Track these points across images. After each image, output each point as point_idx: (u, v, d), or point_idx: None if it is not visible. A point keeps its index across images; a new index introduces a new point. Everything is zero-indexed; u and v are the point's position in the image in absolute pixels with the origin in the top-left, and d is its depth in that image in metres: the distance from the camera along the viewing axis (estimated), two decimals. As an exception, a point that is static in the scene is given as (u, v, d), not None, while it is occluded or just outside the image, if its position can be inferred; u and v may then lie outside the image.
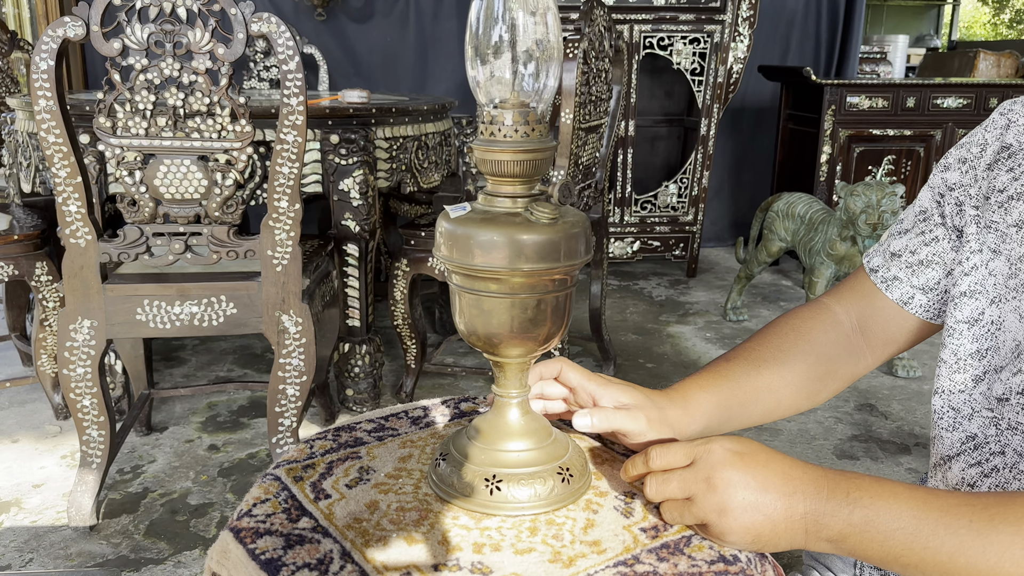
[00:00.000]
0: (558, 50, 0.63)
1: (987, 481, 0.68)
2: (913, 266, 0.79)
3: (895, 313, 0.81)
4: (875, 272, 0.82)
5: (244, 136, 1.58)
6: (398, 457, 0.75)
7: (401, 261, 2.29)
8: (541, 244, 0.62)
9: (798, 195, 2.98)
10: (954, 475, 0.71)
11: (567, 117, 2.04)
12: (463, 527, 0.64)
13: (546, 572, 0.58)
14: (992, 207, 0.71)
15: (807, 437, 2.23)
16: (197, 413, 2.33)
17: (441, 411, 0.85)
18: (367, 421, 0.83)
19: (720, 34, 3.57)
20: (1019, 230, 0.69)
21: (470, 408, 0.86)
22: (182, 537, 1.73)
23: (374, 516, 0.65)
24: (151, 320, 1.65)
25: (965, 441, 0.70)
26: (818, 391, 0.81)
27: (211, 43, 1.52)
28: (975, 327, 0.71)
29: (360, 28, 4.05)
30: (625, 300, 3.54)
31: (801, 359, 0.80)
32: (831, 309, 0.84)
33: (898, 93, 3.65)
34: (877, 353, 0.83)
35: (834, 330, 0.83)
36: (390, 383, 2.54)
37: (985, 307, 0.71)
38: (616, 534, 0.63)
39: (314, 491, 0.69)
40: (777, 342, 0.81)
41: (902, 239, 0.81)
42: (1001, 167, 0.72)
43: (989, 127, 0.75)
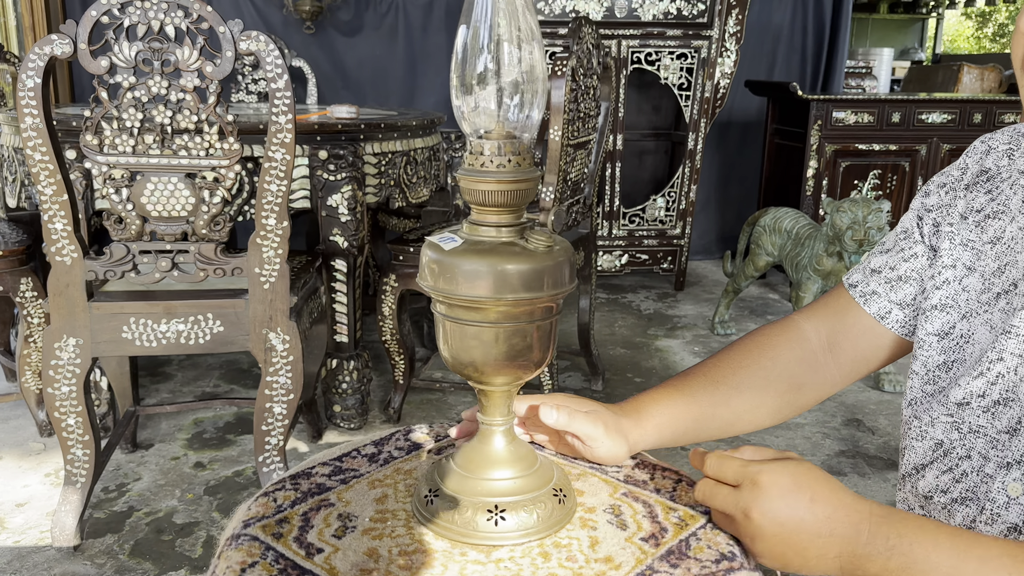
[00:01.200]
0: (543, 81, 0.63)
1: (958, 487, 0.69)
2: (892, 281, 0.80)
3: (869, 328, 0.82)
4: (854, 287, 0.83)
5: (232, 154, 1.58)
6: (373, 499, 0.72)
7: (390, 276, 2.29)
8: (526, 274, 0.62)
9: (785, 210, 3.00)
10: (927, 483, 0.72)
11: (555, 134, 2.05)
12: (477, 562, 0.63)
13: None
14: (969, 226, 0.74)
15: (795, 453, 2.24)
16: (183, 430, 2.32)
17: (395, 445, 0.83)
18: (320, 464, 0.78)
19: (707, 49, 3.60)
20: (993, 246, 0.71)
21: (423, 438, 0.84)
22: (168, 557, 1.71)
23: (380, 564, 0.62)
24: (137, 338, 1.64)
25: (934, 448, 0.71)
26: (780, 408, 0.83)
27: (199, 61, 1.52)
28: (944, 340, 0.73)
29: (349, 41, 4.05)
30: (613, 313, 3.54)
31: (762, 377, 0.81)
32: (800, 327, 0.85)
33: (883, 108, 3.69)
34: (846, 371, 0.84)
35: (800, 348, 0.84)
36: (378, 399, 2.54)
37: (956, 321, 0.72)
38: (623, 548, 0.65)
39: (302, 547, 0.64)
40: (740, 359, 0.82)
41: (882, 257, 0.82)
42: (979, 188, 0.75)
43: (970, 153, 0.78)
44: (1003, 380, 0.66)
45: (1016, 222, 0.70)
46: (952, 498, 0.69)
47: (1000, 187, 0.73)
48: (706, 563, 0.62)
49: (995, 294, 0.70)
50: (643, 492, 0.74)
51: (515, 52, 0.62)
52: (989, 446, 0.67)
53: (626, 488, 0.74)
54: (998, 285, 0.70)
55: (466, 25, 0.62)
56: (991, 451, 0.67)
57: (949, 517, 0.70)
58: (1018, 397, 0.65)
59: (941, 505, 0.71)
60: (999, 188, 0.73)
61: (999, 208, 0.72)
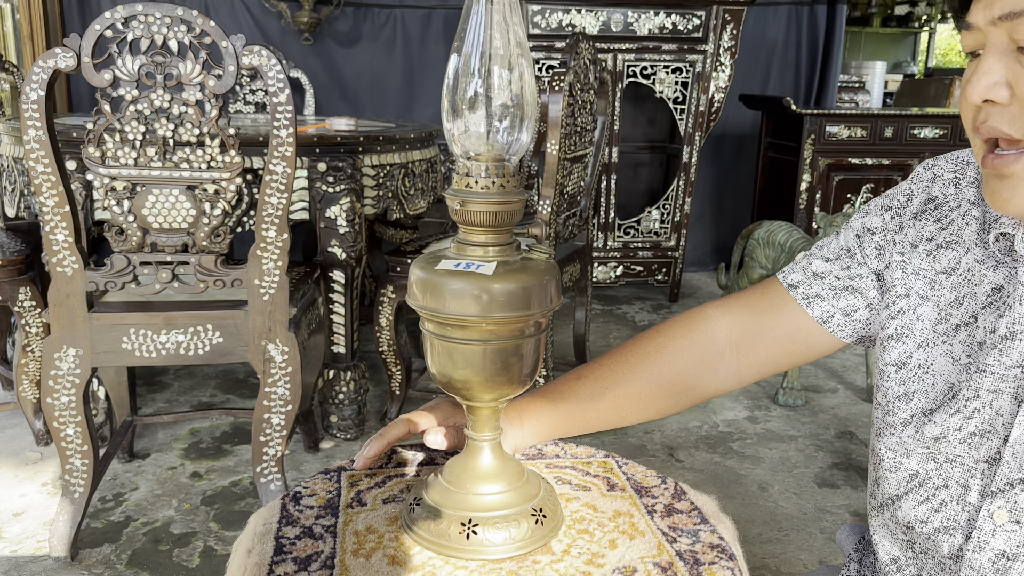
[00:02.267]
0: (532, 106, 0.65)
1: (938, 516, 0.70)
2: (837, 290, 0.81)
3: (800, 330, 0.83)
4: (795, 288, 0.83)
5: (233, 167, 1.59)
6: None
7: (387, 288, 2.30)
8: (512, 292, 0.63)
9: (779, 223, 3.03)
10: (904, 513, 0.73)
11: (553, 148, 2.07)
12: (457, 570, 0.65)
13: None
14: (920, 254, 0.75)
15: (788, 465, 2.25)
16: (180, 440, 2.32)
17: None
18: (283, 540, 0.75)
19: (702, 64, 3.63)
20: (948, 277, 0.72)
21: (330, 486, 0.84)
22: (165, 567, 1.71)
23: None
24: (137, 349, 1.65)
25: (909, 479, 0.72)
26: (669, 407, 0.86)
27: (202, 75, 1.54)
28: (902, 370, 0.74)
29: (347, 52, 4.08)
30: (608, 324, 3.56)
31: (655, 380, 0.84)
32: (709, 326, 0.86)
33: (876, 123, 3.73)
34: (753, 371, 0.86)
35: (702, 349, 0.85)
36: (375, 409, 2.54)
37: (912, 351, 0.73)
38: (612, 501, 0.74)
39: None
40: (635, 362, 0.84)
41: (825, 264, 0.83)
42: (928, 217, 0.75)
43: (915, 179, 0.79)
44: (979, 415, 0.67)
45: (972, 254, 0.71)
46: (935, 528, 0.70)
47: (950, 216, 0.74)
48: (659, 486, 0.77)
49: (953, 325, 0.71)
50: (552, 462, 0.85)
51: (505, 75, 0.64)
52: (968, 475, 0.68)
53: (544, 463, 0.86)
54: (956, 317, 0.71)
55: (458, 53, 0.63)
56: (971, 480, 0.68)
57: (935, 545, 0.71)
58: (995, 429, 0.66)
59: (925, 535, 0.72)
60: (949, 217, 0.74)
61: (952, 238, 0.73)
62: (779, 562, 1.78)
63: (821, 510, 2.01)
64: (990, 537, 0.66)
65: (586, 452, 0.88)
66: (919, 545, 0.74)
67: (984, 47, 0.60)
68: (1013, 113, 0.58)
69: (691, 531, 0.73)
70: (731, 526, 0.76)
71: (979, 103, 0.60)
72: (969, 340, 0.70)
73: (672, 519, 0.74)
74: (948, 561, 0.70)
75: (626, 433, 2.43)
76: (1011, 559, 0.65)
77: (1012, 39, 0.58)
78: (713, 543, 0.71)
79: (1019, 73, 0.58)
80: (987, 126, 0.60)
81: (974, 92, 0.59)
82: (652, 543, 0.70)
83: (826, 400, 2.75)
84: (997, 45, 0.59)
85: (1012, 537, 0.65)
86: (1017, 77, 0.58)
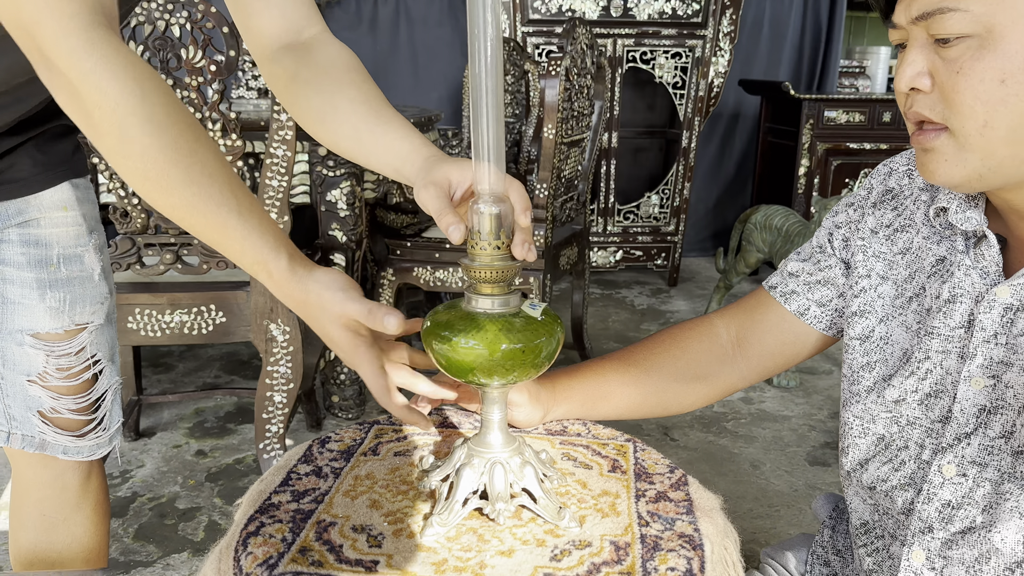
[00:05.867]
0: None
1: (898, 474, 0.76)
2: (811, 284, 0.89)
3: (783, 324, 0.91)
4: (774, 288, 0.93)
5: (235, 150, 1.63)
6: (366, 506, 0.75)
7: (387, 271, 2.34)
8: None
9: (776, 207, 3.06)
10: (869, 475, 0.78)
11: (549, 132, 2.10)
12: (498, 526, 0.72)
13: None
14: (880, 239, 0.82)
15: (780, 444, 2.30)
16: (185, 419, 2.37)
17: (324, 459, 0.86)
18: (274, 495, 0.79)
19: (701, 49, 3.65)
20: (903, 256, 0.80)
21: (342, 445, 0.88)
22: (171, 540, 1.77)
23: (442, 552, 0.68)
24: (142, 328, 1.70)
25: (876, 443, 0.78)
26: (685, 395, 0.93)
27: (203, 60, 1.57)
28: (865, 343, 0.81)
29: (350, 36, 4.09)
30: (607, 308, 3.60)
31: (671, 365, 0.92)
32: (713, 324, 0.95)
33: (874, 108, 3.74)
34: (754, 365, 0.94)
35: (710, 342, 0.94)
36: (375, 390, 2.59)
37: (875, 325, 0.81)
38: (606, 481, 0.80)
39: (354, 565, 0.66)
40: (652, 348, 0.93)
41: (800, 264, 0.91)
42: (886, 206, 0.84)
43: (874, 175, 0.87)
44: (931, 375, 0.74)
45: (920, 233, 0.79)
46: (893, 485, 0.76)
47: (904, 203, 0.82)
48: (664, 474, 0.79)
49: (907, 298, 0.79)
50: (570, 439, 0.88)
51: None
52: (924, 435, 0.74)
53: (559, 439, 0.87)
54: (909, 290, 0.79)
55: None
56: (926, 439, 0.74)
57: (892, 502, 0.76)
58: (946, 388, 0.72)
59: (884, 492, 0.77)
60: (903, 204, 0.82)
61: (906, 222, 0.81)
62: (768, 536, 1.83)
63: (811, 487, 2.05)
64: (939, 489, 0.71)
65: (609, 434, 0.90)
66: (881, 506, 0.79)
67: (908, 41, 0.67)
68: (934, 100, 0.66)
69: (669, 519, 0.72)
70: (722, 523, 0.75)
71: (906, 91, 0.67)
72: (919, 308, 0.77)
73: (657, 506, 0.74)
74: (901, 516, 0.75)
75: (622, 413, 2.47)
76: (955, 508, 0.70)
77: (930, 34, 0.64)
78: (684, 533, 0.70)
79: (938, 64, 0.65)
80: (912, 111, 0.67)
81: (901, 82, 0.67)
82: (622, 524, 0.71)
83: (820, 382, 2.79)
84: (918, 40, 0.66)
85: (958, 489, 0.70)
86: (936, 67, 0.65)
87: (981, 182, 0.66)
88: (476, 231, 0.70)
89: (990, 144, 0.63)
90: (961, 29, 0.62)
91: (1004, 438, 0.68)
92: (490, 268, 0.70)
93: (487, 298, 0.71)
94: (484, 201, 0.69)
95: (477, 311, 0.71)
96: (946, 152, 0.66)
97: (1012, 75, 0.61)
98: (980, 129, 0.63)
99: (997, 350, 0.69)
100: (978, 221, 0.71)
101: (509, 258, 0.70)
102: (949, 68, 0.63)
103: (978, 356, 0.70)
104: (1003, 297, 0.69)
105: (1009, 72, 0.61)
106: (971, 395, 0.70)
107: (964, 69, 0.62)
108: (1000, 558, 0.67)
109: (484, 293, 0.71)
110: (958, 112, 0.64)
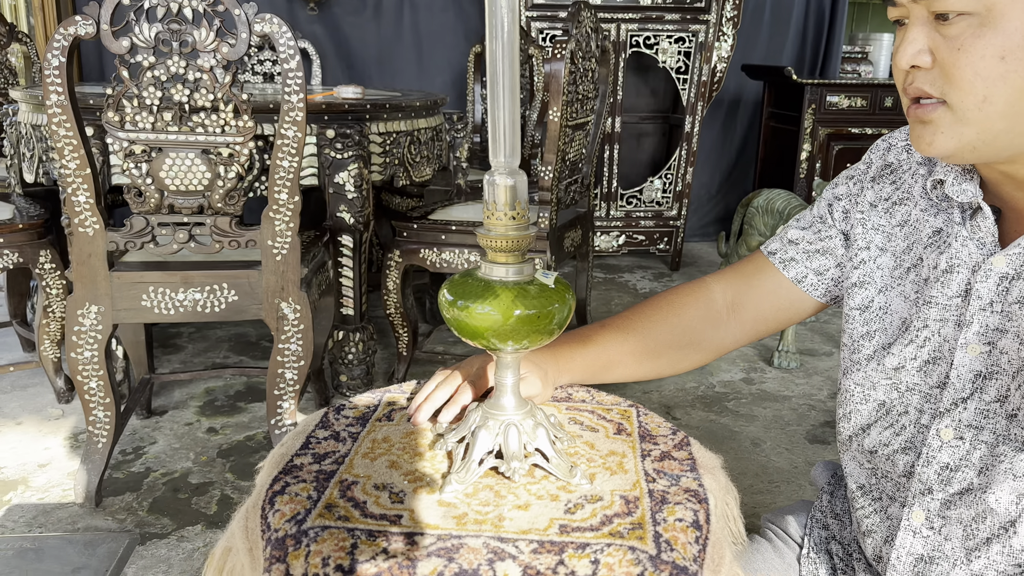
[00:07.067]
0: None
1: (898, 439, 0.79)
2: (810, 253, 0.92)
3: (780, 290, 0.94)
4: (773, 255, 0.95)
5: (246, 131, 1.66)
6: (386, 467, 0.78)
7: (393, 252, 2.38)
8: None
9: (777, 191, 3.08)
10: (871, 440, 0.82)
11: (555, 115, 2.13)
12: (529, 475, 0.77)
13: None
14: (879, 212, 0.85)
15: (781, 423, 2.34)
16: (195, 398, 2.41)
17: (341, 424, 0.90)
18: (296, 456, 0.82)
19: (704, 34, 3.66)
20: (901, 228, 0.83)
21: (358, 412, 0.92)
22: (184, 514, 1.81)
23: (461, 507, 0.71)
24: (156, 306, 1.73)
25: (877, 409, 0.81)
26: (680, 359, 0.98)
27: (216, 42, 1.60)
28: (865, 313, 0.84)
29: (353, 21, 4.11)
30: (610, 292, 3.63)
31: (667, 331, 0.96)
32: (709, 288, 0.98)
33: (876, 93, 3.76)
34: (747, 328, 0.97)
35: (705, 307, 0.97)
36: (382, 370, 2.63)
37: (874, 295, 0.84)
38: (613, 442, 0.83)
39: (380, 519, 0.69)
40: (650, 314, 0.97)
41: (800, 232, 0.94)
42: (885, 180, 0.86)
43: (873, 150, 0.90)
44: (929, 343, 0.77)
45: (918, 205, 0.82)
46: (894, 449, 0.79)
47: (903, 177, 0.85)
48: (667, 436, 0.85)
49: (906, 268, 0.81)
50: (575, 405, 0.92)
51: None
52: (923, 400, 0.77)
53: (565, 405, 0.92)
54: (908, 261, 0.81)
55: None
56: (925, 405, 0.77)
57: (892, 465, 0.80)
58: (944, 355, 0.75)
59: (885, 456, 0.80)
60: (902, 178, 0.85)
61: (904, 195, 0.84)
62: (768, 511, 1.86)
63: (811, 464, 2.09)
64: (937, 453, 0.74)
65: (612, 400, 0.94)
66: (880, 469, 0.82)
67: (908, 17, 0.69)
68: (934, 76, 0.68)
69: (674, 476, 0.76)
70: (724, 480, 0.79)
71: (907, 69, 0.69)
72: (917, 279, 0.80)
73: (662, 464, 0.78)
74: (902, 479, 0.79)
75: (624, 394, 2.51)
76: (953, 470, 0.73)
77: (930, 11, 0.66)
78: (689, 487, 0.74)
79: (938, 41, 0.66)
80: (913, 87, 0.69)
81: (902, 59, 0.68)
82: (630, 480, 0.75)
83: (820, 363, 2.82)
84: (919, 17, 0.67)
85: (956, 451, 0.73)
86: (936, 44, 0.67)
87: (974, 153, 0.69)
88: (492, 202, 0.73)
89: (988, 119, 0.66)
90: (962, 6, 0.64)
91: (999, 402, 0.71)
92: (505, 238, 0.73)
93: (502, 266, 0.74)
94: (499, 173, 0.72)
95: (492, 279, 0.74)
96: (942, 124, 0.68)
97: (1012, 52, 0.63)
98: (979, 104, 0.65)
99: (993, 318, 0.72)
100: (973, 193, 0.74)
101: (523, 228, 0.74)
102: (950, 45, 0.65)
103: (974, 324, 0.73)
104: (999, 266, 0.72)
105: (1009, 49, 0.63)
106: (967, 361, 0.73)
107: (965, 46, 0.64)
108: (995, 517, 0.70)
109: (499, 262, 0.74)
110: (958, 88, 0.66)
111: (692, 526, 0.68)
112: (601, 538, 0.66)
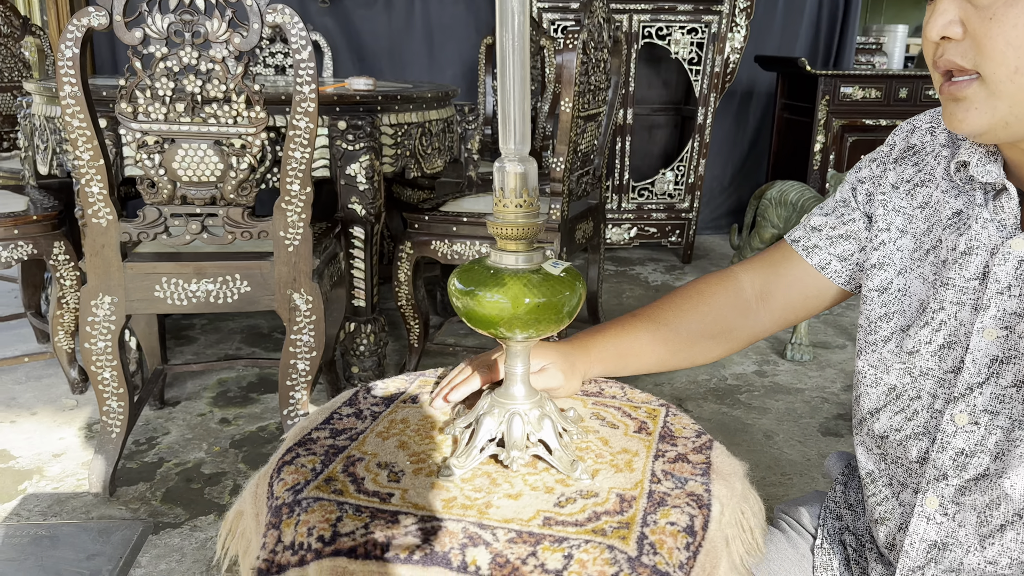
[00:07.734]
0: None
1: (910, 424, 0.78)
2: (832, 239, 0.91)
3: (806, 278, 0.93)
4: (796, 242, 0.95)
5: (258, 122, 1.66)
6: (394, 447, 0.80)
7: (405, 244, 2.38)
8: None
9: (791, 183, 3.06)
10: (881, 424, 0.81)
11: (567, 106, 2.12)
12: (529, 467, 0.77)
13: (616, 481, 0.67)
14: (900, 194, 0.84)
15: (794, 416, 2.32)
16: (208, 389, 2.42)
17: (367, 402, 0.92)
18: (315, 431, 0.84)
19: (717, 25, 3.64)
20: (922, 211, 0.82)
21: (386, 392, 0.94)
22: (197, 503, 1.82)
23: (453, 491, 0.72)
24: (169, 297, 1.74)
25: (887, 393, 0.81)
26: (711, 349, 0.97)
27: (228, 33, 1.60)
28: (884, 294, 0.83)
29: (365, 14, 4.11)
30: (621, 285, 3.62)
31: (698, 320, 0.96)
32: (737, 277, 0.98)
33: (891, 84, 3.73)
34: (776, 317, 0.97)
35: (735, 296, 0.97)
36: (393, 362, 2.63)
37: (893, 277, 0.83)
38: (629, 440, 0.81)
39: (371, 495, 0.71)
40: (680, 304, 0.97)
41: (823, 218, 0.93)
42: (908, 162, 0.85)
43: (897, 132, 0.89)
44: (946, 326, 0.76)
45: (940, 187, 0.81)
46: (906, 435, 0.78)
47: (925, 159, 0.84)
48: (690, 438, 0.82)
49: (925, 250, 0.81)
50: (604, 400, 0.91)
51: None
52: (937, 385, 0.76)
53: (593, 400, 0.91)
54: (927, 243, 0.80)
55: None
56: (939, 389, 0.76)
57: (904, 451, 0.79)
58: (959, 339, 0.74)
59: (896, 442, 0.80)
60: (924, 160, 0.84)
61: (926, 177, 0.83)
62: (780, 503, 1.86)
63: (824, 456, 2.08)
64: (952, 438, 0.74)
65: (644, 398, 0.93)
66: (891, 455, 0.81)
67: None
68: (965, 47, 0.66)
69: (681, 479, 0.74)
70: (741, 488, 0.75)
71: (937, 40, 0.68)
72: (935, 260, 0.79)
73: (674, 466, 0.76)
74: (915, 465, 0.78)
75: (635, 386, 2.51)
76: (968, 456, 0.73)
77: None
78: (694, 492, 0.71)
79: (969, 12, 0.66)
80: (944, 59, 0.68)
81: (932, 30, 0.67)
82: (633, 480, 0.73)
83: (834, 356, 2.81)
84: None
85: (971, 437, 0.72)
86: (968, 15, 0.66)
87: (1007, 130, 0.68)
88: (501, 189, 0.73)
89: (1020, 90, 0.65)
90: None
91: (1016, 387, 0.71)
92: (514, 225, 0.73)
93: (511, 254, 0.74)
94: (509, 160, 0.72)
95: (502, 267, 0.74)
96: (976, 100, 0.67)
97: None
98: (1011, 75, 0.64)
99: (1011, 301, 0.71)
100: (998, 174, 0.73)
101: (532, 215, 0.73)
102: (982, 15, 0.64)
103: (991, 307, 0.72)
104: (1018, 250, 0.71)
105: None
106: (983, 346, 0.72)
107: (997, 15, 0.64)
108: (1009, 504, 0.70)
109: (508, 250, 0.74)
110: (989, 58, 0.65)
111: (685, 531, 0.66)
112: (581, 534, 0.65)
